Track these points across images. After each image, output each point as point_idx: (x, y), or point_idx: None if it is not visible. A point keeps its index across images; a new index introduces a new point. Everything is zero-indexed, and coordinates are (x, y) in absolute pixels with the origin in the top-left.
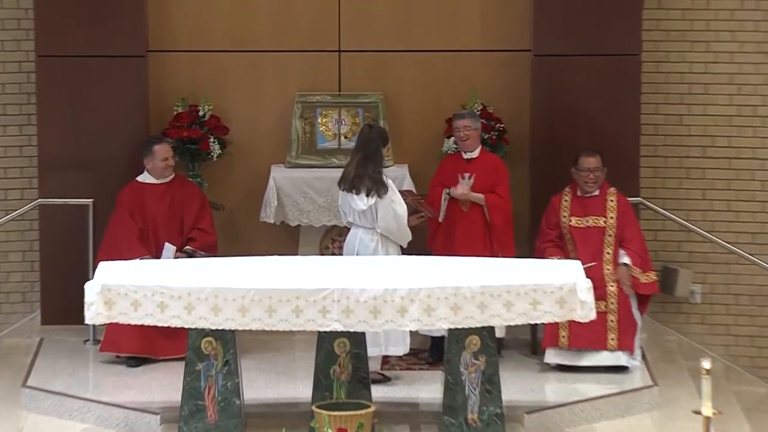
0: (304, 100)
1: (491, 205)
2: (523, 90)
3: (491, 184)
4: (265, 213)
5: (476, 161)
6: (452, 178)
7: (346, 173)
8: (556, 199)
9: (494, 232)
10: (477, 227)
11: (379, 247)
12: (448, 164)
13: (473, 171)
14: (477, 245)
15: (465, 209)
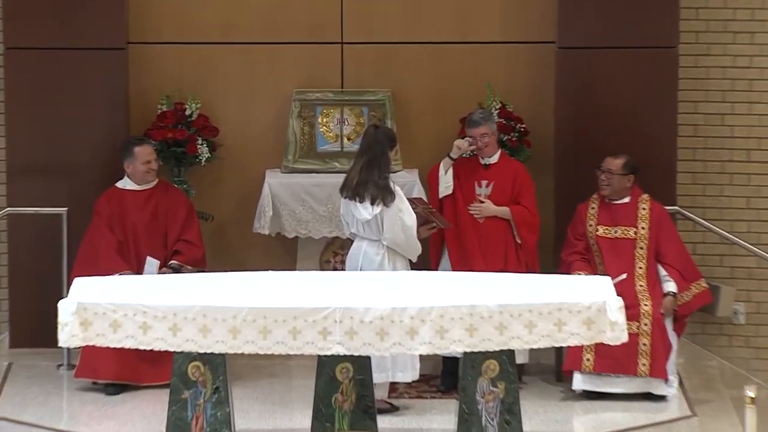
0: (303, 97)
1: (520, 221)
2: (547, 86)
3: (512, 194)
4: (259, 223)
5: (495, 167)
6: (466, 185)
7: (349, 179)
8: (582, 207)
9: (526, 252)
10: (495, 242)
11: (386, 261)
12: (461, 169)
13: (491, 178)
14: (496, 262)
15: (481, 220)
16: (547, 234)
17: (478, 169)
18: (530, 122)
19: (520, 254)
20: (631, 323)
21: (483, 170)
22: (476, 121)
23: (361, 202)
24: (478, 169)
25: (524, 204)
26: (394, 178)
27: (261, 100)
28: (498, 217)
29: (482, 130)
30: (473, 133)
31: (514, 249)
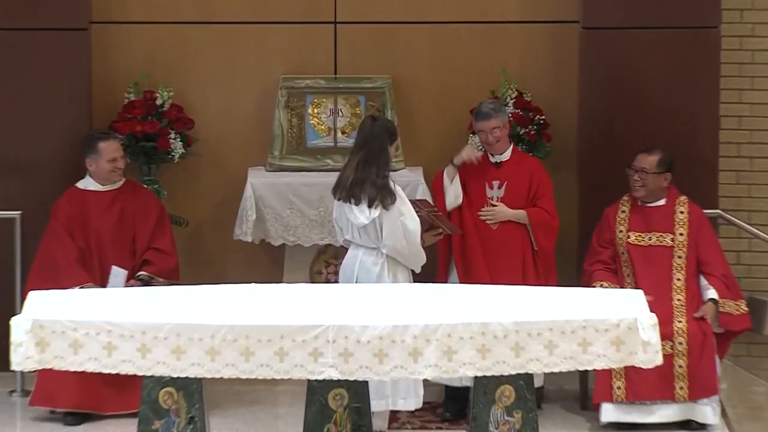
0: (291, 85)
1: (537, 224)
2: (570, 72)
3: (528, 196)
4: (241, 229)
5: (507, 165)
6: (474, 186)
7: (344, 178)
8: (610, 211)
9: (542, 259)
10: (512, 252)
11: (385, 272)
12: (469, 169)
13: (504, 178)
14: (513, 275)
15: (494, 226)
16: (569, 241)
17: (488, 168)
18: (550, 113)
19: (539, 264)
20: (665, 342)
21: (494, 169)
22: (486, 113)
23: (357, 205)
24: (488, 168)
25: (542, 206)
26: (395, 176)
27: (243, 88)
28: (513, 223)
29: (493, 123)
30: (483, 126)
31: (533, 259)
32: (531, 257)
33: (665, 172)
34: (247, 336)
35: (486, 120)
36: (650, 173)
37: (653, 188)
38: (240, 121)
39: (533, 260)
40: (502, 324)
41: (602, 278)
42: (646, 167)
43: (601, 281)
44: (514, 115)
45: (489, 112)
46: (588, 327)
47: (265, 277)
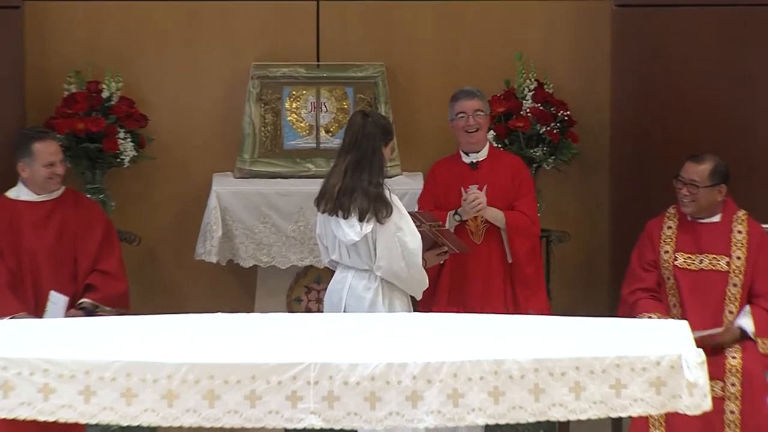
0: (264, 74)
1: (513, 227)
2: (600, 59)
3: (508, 200)
4: (204, 248)
5: (485, 165)
6: (452, 194)
7: (329, 187)
8: (654, 226)
9: (517, 270)
10: (497, 269)
11: (380, 298)
12: (442, 174)
13: (483, 180)
14: (497, 295)
15: (478, 241)
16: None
17: (462, 171)
18: (577, 109)
19: (515, 279)
20: (714, 382)
21: (469, 172)
22: (470, 92)
23: (346, 218)
24: (462, 171)
25: (521, 208)
26: (391, 184)
27: (206, 78)
28: (498, 236)
29: (477, 103)
30: (465, 106)
31: (508, 276)
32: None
33: (719, 184)
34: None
35: (470, 98)
36: (701, 187)
37: (705, 203)
38: (203, 117)
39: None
40: (518, 362)
41: (649, 309)
42: (695, 179)
43: (649, 313)
44: (533, 111)
45: (473, 91)
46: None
47: (233, 305)
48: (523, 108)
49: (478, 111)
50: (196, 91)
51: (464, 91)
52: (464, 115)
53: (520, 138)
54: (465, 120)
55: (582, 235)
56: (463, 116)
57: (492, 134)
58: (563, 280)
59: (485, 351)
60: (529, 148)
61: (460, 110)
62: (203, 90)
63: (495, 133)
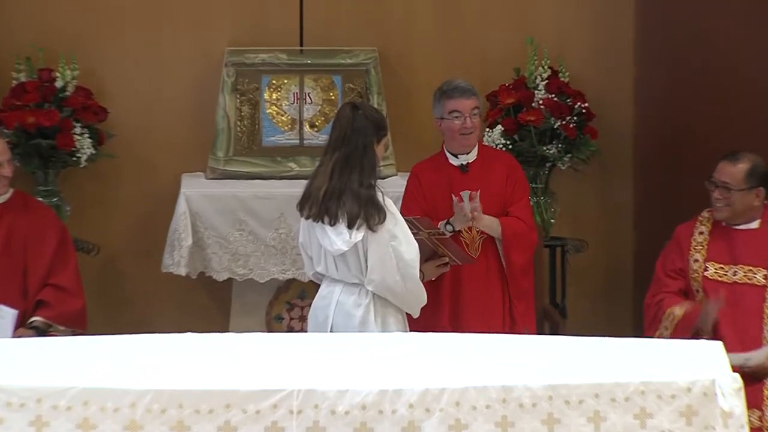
0: (240, 60)
1: (511, 236)
2: (623, 42)
3: (503, 204)
4: (172, 259)
5: (476, 167)
6: (441, 202)
7: (314, 189)
8: (683, 231)
9: (513, 284)
10: (496, 285)
11: (371, 316)
12: (428, 179)
13: (475, 184)
14: (496, 315)
15: (475, 253)
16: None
17: (452, 174)
18: (596, 100)
19: (511, 289)
20: (751, 412)
21: (460, 176)
22: (466, 89)
23: (333, 225)
24: (452, 174)
25: (517, 213)
26: (385, 185)
27: (174, 65)
28: (495, 248)
29: (474, 102)
30: (460, 105)
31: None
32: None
33: (756, 186)
34: (180, 405)
35: (465, 97)
36: (736, 190)
37: (741, 208)
38: (170, 110)
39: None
40: (530, 388)
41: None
42: (728, 181)
43: (676, 305)
44: (546, 102)
45: (469, 87)
46: (648, 392)
47: (204, 324)
48: (535, 99)
49: (475, 110)
50: (163, 80)
51: (460, 88)
52: (460, 116)
53: (531, 133)
54: (461, 121)
55: (602, 244)
56: (458, 116)
57: (499, 129)
58: (580, 294)
59: (492, 376)
60: (541, 145)
61: (454, 109)
62: (171, 79)
63: (503, 128)
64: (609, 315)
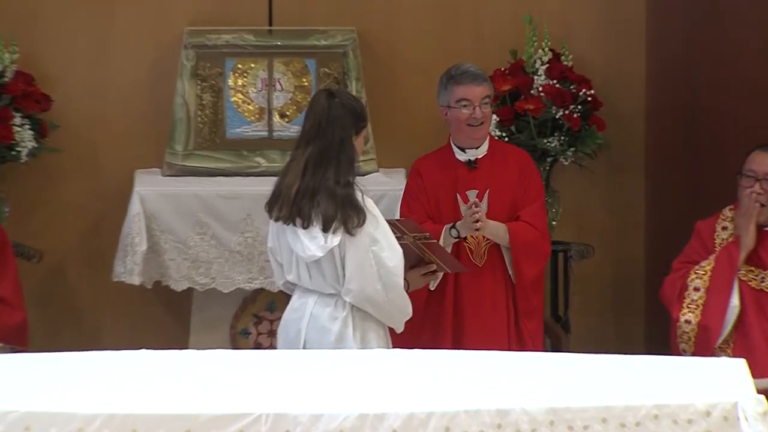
0: (201, 41)
1: (520, 245)
2: (633, 22)
3: (512, 207)
4: (124, 266)
5: (486, 163)
6: (445, 202)
7: (285, 187)
8: (706, 226)
9: (523, 299)
10: (501, 299)
11: (349, 330)
12: (431, 176)
13: (484, 183)
14: (501, 332)
15: (480, 262)
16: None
17: (458, 171)
18: (604, 86)
19: (519, 304)
20: None
21: (467, 173)
22: (476, 74)
23: (306, 228)
24: (458, 171)
25: (527, 218)
26: (365, 183)
27: (127, 49)
28: (501, 255)
29: (486, 89)
30: (470, 93)
31: (513, 303)
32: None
33: None
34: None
35: (476, 83)
36: None
37: None
38: (123, 98)
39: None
40: (528, 412)
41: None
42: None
43: (693, 275)
44: (546, 89)
45: (479, 73)
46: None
47: (161, 339)
48: (535, 86)
49: (486, 99)
50: (114, 65)
51: (470, 73)
52: (468, 104)
53: (530, 124)
54: (470, 111)
55: (610, 249)
56: (467, 105)
57: (495, 119)
58: (586, 306)
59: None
60: (541, 138)
61: (462, 97)
62: (123, 63)
63: (498, 118)
64: (618, 329)
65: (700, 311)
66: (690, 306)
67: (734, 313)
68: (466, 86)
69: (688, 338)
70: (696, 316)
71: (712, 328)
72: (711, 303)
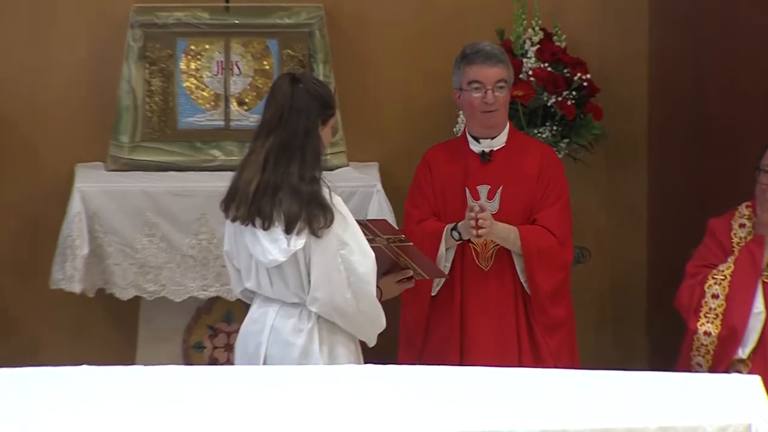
0: (149, 20)
1: (533, 252)
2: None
3: (528, 208)
4: (63, 272)
5: (501, 157)
6: (452, 198)
7: (243, 183)
8: (721, 224)
9: (541, 313)
10: (509, 308)
11: (315, 345)
12: (440, 168)
13: (497, 179)
14: (510, 346)
15: (486, 266)
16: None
17: (469, 163)
18: (601, 70)
19: (534, 322)
20: None
21: (479, 165)
22: (491, 54)
23: (267, 229)
24: (469, 163)
25: (545, 222)
26: (333, 179)
27: (67, 27)
28: (512, 260)
29: (501, 71)
30: (483, 75)
31: (525, 315)
32: (524, 315)
33: None
34: None
35: (489, 64)
36: None
37: None
38: (62, 83)
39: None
40: None
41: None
42: None
43: (710, 278)
44: (537, 73)
45: (495, 52)
46: None
47: (105, 353)
48: (524, 69)
49: (501, 83)
50: (52, 46)
51: (484, 52)
52: (480, 87)
53: (519, 112)
54: (482, 94)
55: (608, 253)
56: (479, 88)
57: None
58: (582, 315)
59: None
60: (531, 128)
61: (474, 78)
62: (62, 44)
63: None
64: (618, 342)
65: (720, 321)
66: (708, 315)
67: (759, 320)
68: (479, 66)
69: (705, 351)
70: (716, 327)
71: (732, 340)
72: (732, 311)
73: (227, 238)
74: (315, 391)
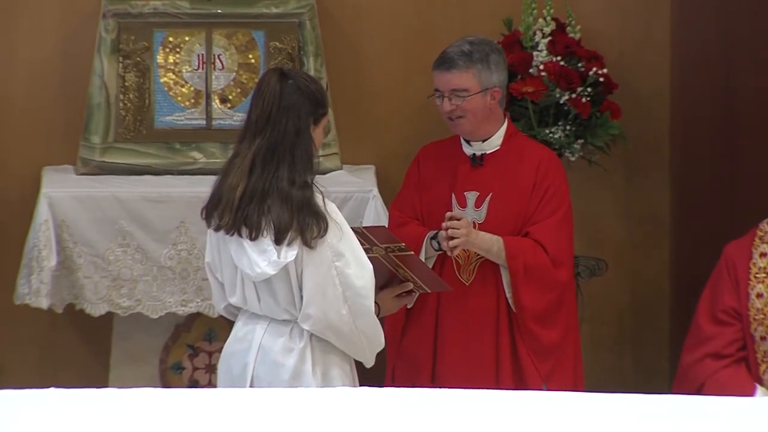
0: (124, 8)
1: (520, 269)
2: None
3: (521, 219)
4: (29, 286)
5: (494, 161)
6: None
7: (227, 188)
8: (737, 252)
9: (528, 335)
10: (490, 326)
11: (307, 366)
12: (429, 168)
13: (487, 185)
14: (486, 372)
15: (467, 280)
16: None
17: (459, 166)
18: (620, 65)
19: (520, 343)
20: None
21: (469, 169)
22: (449, 58)
23: (255, 239)
24: (459, 166)
25: (537, 235)
26: (326, 184)
27: (32, 18)
28: (498, 273)
29: (455, 77)
30: (437, 81)
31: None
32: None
33: None
34: None
35: (443, 69)
36: None
37: None
38: (27, 79)
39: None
40: None
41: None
42: None
43: (731, 383)
44: (549, 67)
45: (453, 56)
46: None
47: (74, 375)
48: (535, 63)
49: (457, 90)
50: (18, 38)
51: (443, 56)
52: (439, 95)
53: (529, 110)
54: (440, 102)
55: (627, 265)
56: (439, 96)
57: None
58: (597, 333)
59: None
60: (543, 127)
61: (435, 85)
62: (28, 36)
63: None
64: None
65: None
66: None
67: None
68: (438, 72)
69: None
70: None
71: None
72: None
73: (209, 249)
74: (307, 417)
